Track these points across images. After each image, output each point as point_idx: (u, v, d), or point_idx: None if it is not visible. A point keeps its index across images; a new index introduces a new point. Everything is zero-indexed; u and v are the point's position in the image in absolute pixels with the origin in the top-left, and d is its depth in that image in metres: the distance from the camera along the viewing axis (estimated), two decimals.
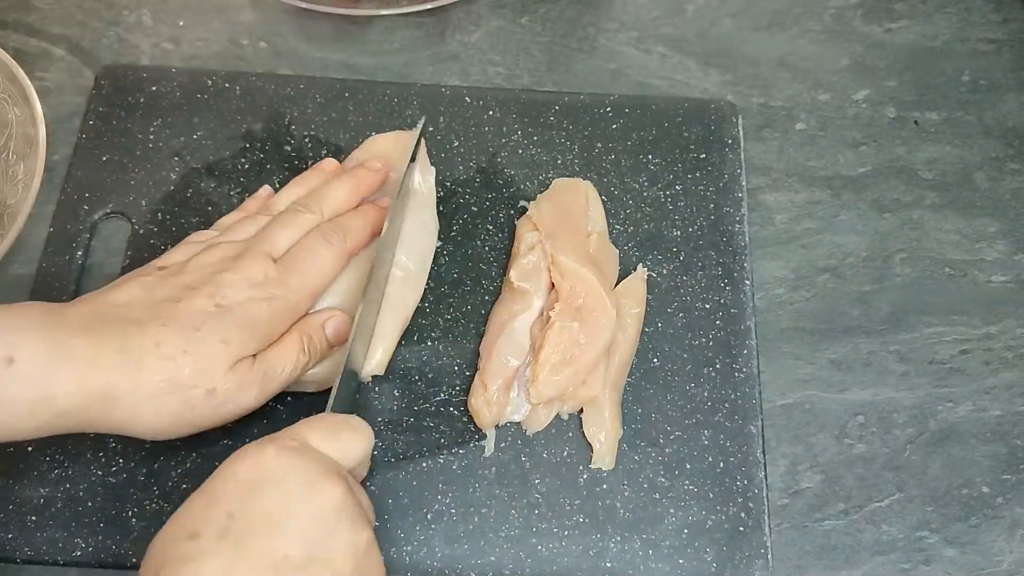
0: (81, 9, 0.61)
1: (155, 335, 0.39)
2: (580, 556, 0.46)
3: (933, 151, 0.59)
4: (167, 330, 0.40)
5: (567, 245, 0.50)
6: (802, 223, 0.56)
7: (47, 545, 0.44)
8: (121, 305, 0.41)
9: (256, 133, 0.55)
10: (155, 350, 0.39)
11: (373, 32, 0.61)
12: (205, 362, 0.40)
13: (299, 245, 0.45)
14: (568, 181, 0.53)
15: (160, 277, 0.43)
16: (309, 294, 0.45)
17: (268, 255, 0.44)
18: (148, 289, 0.42)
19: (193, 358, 0.40)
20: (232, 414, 0.42)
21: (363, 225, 0.48)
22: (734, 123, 0.57)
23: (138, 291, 0.42)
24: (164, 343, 0.39)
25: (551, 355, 0.47)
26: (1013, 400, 0.52)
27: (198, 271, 0.43)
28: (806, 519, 0.49)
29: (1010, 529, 0.49)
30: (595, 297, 0.48)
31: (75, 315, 0.40)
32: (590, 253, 0.50)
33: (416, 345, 0.50)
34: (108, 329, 0.39)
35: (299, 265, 0.45)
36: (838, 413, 0.51)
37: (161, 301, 0.41)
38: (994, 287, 0.55)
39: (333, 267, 0.46)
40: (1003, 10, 0.64)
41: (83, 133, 0.55)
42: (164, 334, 0.40)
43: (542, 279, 0.49)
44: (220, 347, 0.40)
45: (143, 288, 0.42)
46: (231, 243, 0.45)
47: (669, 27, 0.62)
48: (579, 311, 0.48)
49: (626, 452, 0.48)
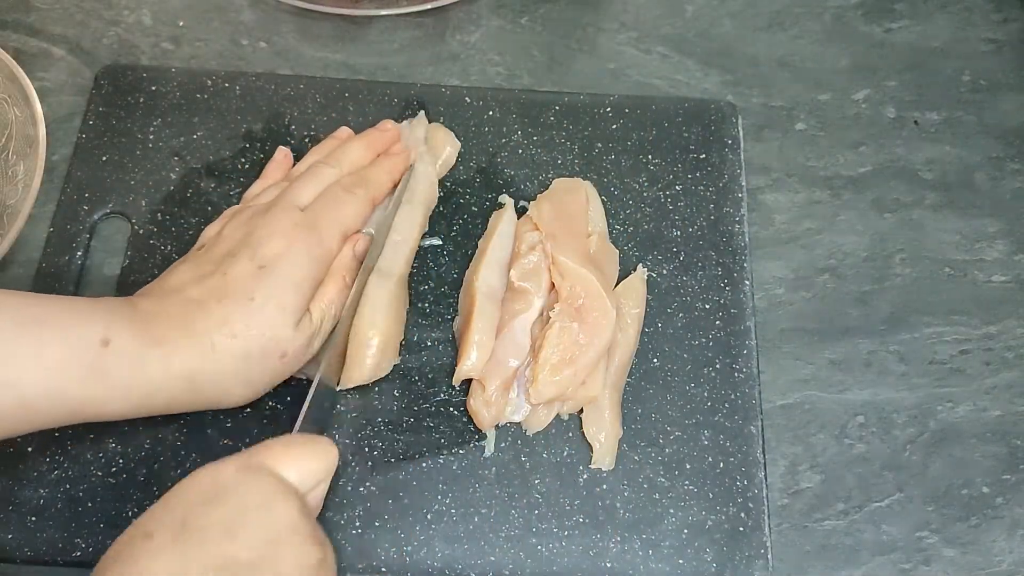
0: (81, 9, 0.61)
1: (218, 314, 0.42)
2: (580, 556, 0.46)
3: (933, 151, 0.59)
4: (226, 307, 0.42)
5: (567, 245, 0.50)
6: (802, 223, 0.56)
7: (47, 545, 0.44)
8: (177, 289, 0.43)
9: (256, 133, 0.55)
10: (222, 329, 0.41)
11: (373, 32, 0.61)
12: (271, 331, 0.42)
13: (323, 196, 0.47)
14: (568, 181, 0.54)
15: (202, 254, 0.45)
16: (339, 235, 0.46)
17: (295, 206, 0.46)
18: (194, 268, 0.44)
19: (259, 331, 0.42)
20: (303, 362, 0.45)
21: (382, 173, 0.50)
22: (734, 123, 0.57)
23: (187, 273, 0.44)
24: (228, 321, 0.41)
25: (551, 356, 0.47)
26: (1013, 400, 0.52)
27: (232, 238, 0.45)
28: (806, 519, 0.49)
29: (1010, 529, 0.49)
30: (595, 298, 0.48)
31: (145, 305, 0.42)
32: (590, 253, 0.50)
33: (416, 345, 0.50)
34: (175, 314, 0.41)
35: (326, 211, 0.46)
36: (838, 413, 0.51)
37: (209, 276, 0.43)
38: (994, 287, 0.55)
39: (357, 214, 0.48)
40: (1003, 10, 0.64)
41: (83, 133, 0.55)
42: (225, 312, 0.42)
43: (543, 279, 0.49)
44: (279, 315, 0.43)
45: (190, 269, 0.44)
46: (258, 206, 0.47)
47: (669, 27, 0.62)
48: (579, 311, 0.48)
49: (626, 452, 0.48)
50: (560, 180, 0.54)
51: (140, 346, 0.40)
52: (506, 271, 0.50)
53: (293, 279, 0.43)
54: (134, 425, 0.47)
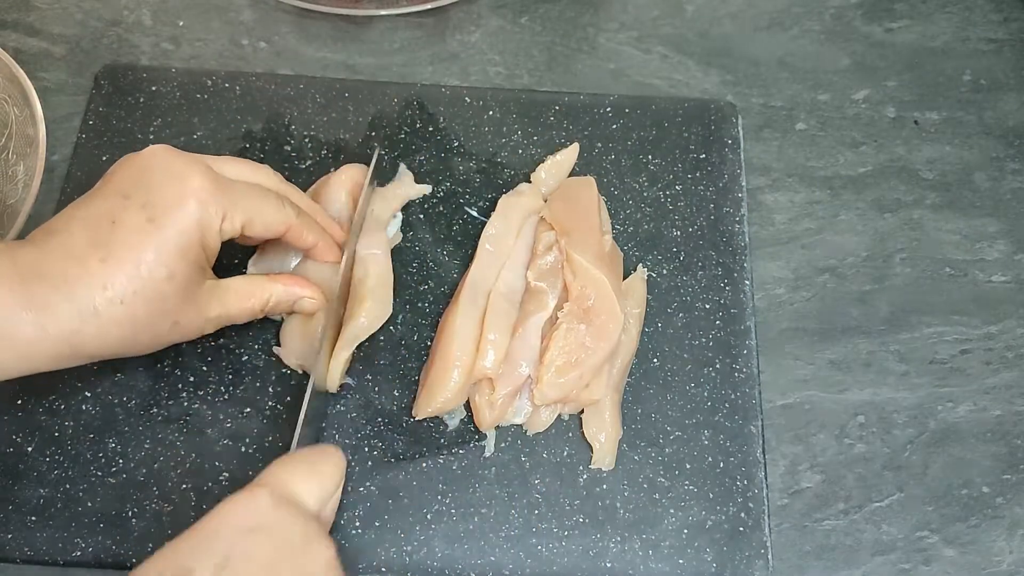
0: (81, 9, 0.61)
1: (100, 276, 0.39)
2: (580, 556, 0.46)
3: (933, 151, 0.59)
4: (109, 268, 0.39)
5: (582, 243, 0.49)
6: (802, 223, 0.56)
7: (47, 545, 0.44)
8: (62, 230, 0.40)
9: (256, 133, 0.55)
10: (105, 293, 0.39)
11: (373, 32, 0.61)
12: (158, 300, 0.40)
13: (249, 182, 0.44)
14: (579, 179, 0.53)
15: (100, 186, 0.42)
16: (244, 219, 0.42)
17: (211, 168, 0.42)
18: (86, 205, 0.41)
19: (145, 298, 0.39)
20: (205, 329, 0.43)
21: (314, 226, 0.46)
22: (734, 123, 0.57)
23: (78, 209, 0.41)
24: (112, 285, 0.39)
25: (556, 357, 0.46)
26: (1013, 400, 0.52)
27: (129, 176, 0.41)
28: (806, 519, 0.49)
29: (1010, 529, 0.49)
30: (605, 300, 0.47)
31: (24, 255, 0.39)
32: (605, 252, 0.50)
33: (416, 346, 0.50)
34: (55, 272, 0.38)
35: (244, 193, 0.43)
36: (838, 413, 0.51)
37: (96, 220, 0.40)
38: (994, 287, 0.55)
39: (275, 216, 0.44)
40: (1004, 10, 0.64)
41: (83, 133, 0.55)
42: (108, 273, 0.39)
43: (559, 279, 0.49)
44: (167, 284, 0.40)
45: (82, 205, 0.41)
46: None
47: (669, 27, 0.62)
48: (587, 313, 0.47)
49: (626, 452, 0.48)
50: (570, 178, 0.53)
51: (13, 307, 0.37)
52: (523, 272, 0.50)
53: (184, 241, 0.40)
54: (134, 425, 0.47)
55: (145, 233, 0.39)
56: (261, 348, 0.49)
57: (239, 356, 0.49)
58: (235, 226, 0.42)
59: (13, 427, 0.47)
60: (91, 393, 0.48)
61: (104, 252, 0.39)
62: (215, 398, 0.48)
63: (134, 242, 0.39)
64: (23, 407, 0.47)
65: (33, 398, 0.47)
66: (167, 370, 0.48)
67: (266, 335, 0.49)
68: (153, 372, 0.48)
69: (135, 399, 0.48)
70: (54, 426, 0.47)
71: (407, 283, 0.51)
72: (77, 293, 0.38)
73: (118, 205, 0.40)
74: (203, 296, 0.42)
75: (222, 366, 0.49)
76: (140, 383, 0.48)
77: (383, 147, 0.55)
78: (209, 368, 0.48)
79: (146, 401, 0.48)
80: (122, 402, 0.47)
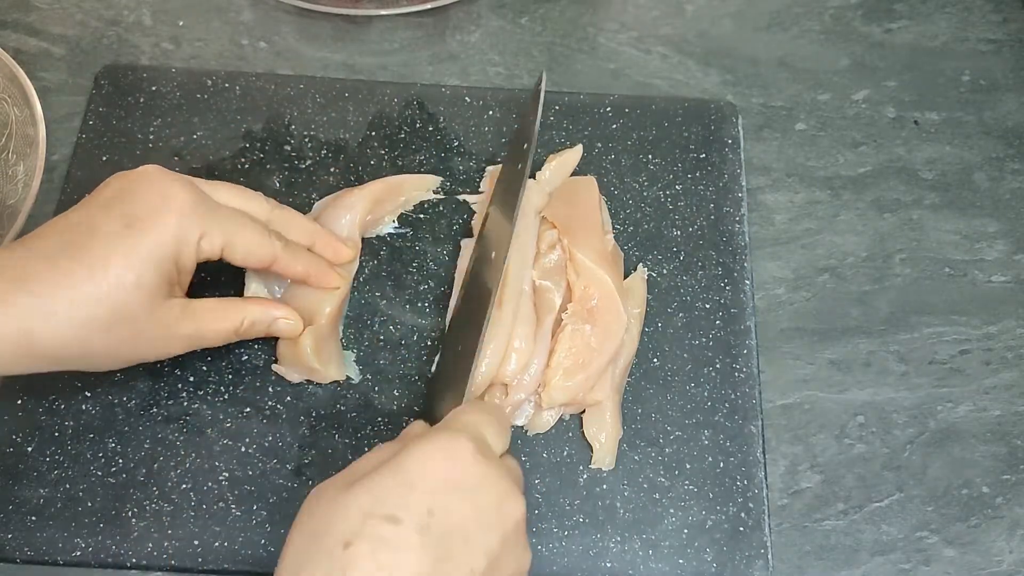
0: (81, 9, 0.61)
1: (65, 274, 0.38)
2: (580, 556, 0.46)
3: (933, 151, 0.59)
4: (75, 266, 0.38)
5: (585, 242, 0.49)
6: (802, 223, 0.56)
7: (47, 545, 0.44)
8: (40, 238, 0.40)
9: (256, 133, 0.55)
10: (66, 292, 0.38)
11: (373, 32, 0.61)
12: (121, 306, 0.39)
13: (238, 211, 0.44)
14: (579, 178, 0.53)
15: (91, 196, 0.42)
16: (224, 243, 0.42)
17: (200, 188, 0.42)
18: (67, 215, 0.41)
19: (109, 302, 0.39)
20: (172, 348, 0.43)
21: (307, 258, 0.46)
22: (734, 123, 0.57)
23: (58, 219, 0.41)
24: (74, 283, 0.38)
25: (563, 359, 0.46)
26: (1013, 400, 0.52)
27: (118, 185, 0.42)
28: (806, 519, 0.49)
29: (1010, 529, 0.49)
30: (609, 300, 0.47)
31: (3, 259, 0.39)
32: (608, 252, 0.50)
33: (417, 346, 0.50)
34: (22, 269, 0.38)
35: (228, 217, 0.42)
36: (838, 413, 0.51)
37: (76, 225, 0.40)
38: (994, 287, 0.55)
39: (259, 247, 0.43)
40: (1003, 10, 0.64)
41: (83, 133, 0.55)
42: (73, 271, 0.38)
43: (563, 278, 0.49)
44: (133, 292, 0.39)
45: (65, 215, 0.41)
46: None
47: (669, 27, 0.62)
48: (591, 313, 0.47)
49: (626, 452, 0.48)
50: (572, 178, 0.53)
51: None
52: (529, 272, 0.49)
53: (154, 253, 0.40)
54: (134, 425, 0.47)
55: (120, 238, 0.39)
56: (261, 348, 0.49)
57: (239, 356, 0.49)
58: (213, 246, 0.42)
59: (13, 427, 0.47)
60: (91, 393, 0.48)
61: (74, 253, 0.39)
62: (215, 398, 0.48)
63: (106, 245, 0.39)
64: (23, 407, 0.47)
65: (33, 398, 0.47)
66: (167, 370, 0.48)
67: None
68: (153, 372, 0.48)
69: (135, 399, 0.48)
70: (54, 426, 0.47)
71: (407, 283, 0.51)
72: (37, 289, 0.38)
73: (98, 215, 0.40)
74: (172, 312, 0.41)
75: (222, 366, 0.49)
76: (140, 383, 0.48)
77: (383, 147, 0.55)
78: (209, 368, 0.48)
79: (146, 401, 0.48)
80: (122, 402, 0.47)
